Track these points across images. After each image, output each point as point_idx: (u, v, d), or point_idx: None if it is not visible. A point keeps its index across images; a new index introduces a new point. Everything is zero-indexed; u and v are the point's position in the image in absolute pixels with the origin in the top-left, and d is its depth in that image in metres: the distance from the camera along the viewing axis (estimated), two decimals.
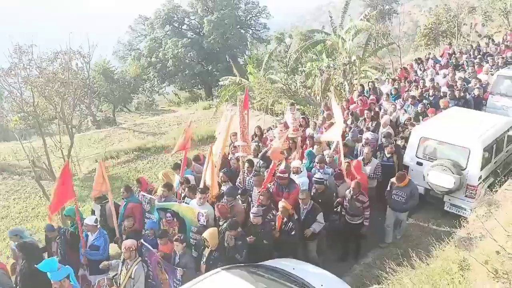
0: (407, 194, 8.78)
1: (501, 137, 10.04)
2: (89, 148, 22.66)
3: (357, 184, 8.45)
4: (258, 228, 7.64)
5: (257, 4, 46.57)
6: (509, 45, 18.78)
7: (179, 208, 8.34)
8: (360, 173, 9.35)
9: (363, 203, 8.44)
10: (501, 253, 3.95)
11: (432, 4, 39.31)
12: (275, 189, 8.89)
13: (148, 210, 8.95)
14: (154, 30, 43.93)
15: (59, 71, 13.54)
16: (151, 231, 8.03)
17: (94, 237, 8.11)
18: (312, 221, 8.02)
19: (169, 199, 8.82)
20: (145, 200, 9.03)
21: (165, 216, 8.35)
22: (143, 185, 9.80)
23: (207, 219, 7.92)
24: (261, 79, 20.60)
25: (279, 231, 7.81)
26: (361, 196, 8.44)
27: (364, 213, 8.53)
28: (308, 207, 8.09)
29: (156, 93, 43.46)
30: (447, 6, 30.14)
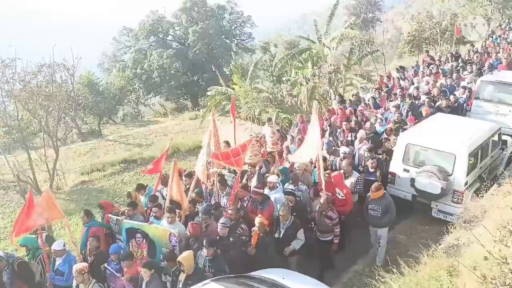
0: (382, 208, 8.51)
1: (486, 143, 10.17)
2: (74, 161, 22.39)
3: (326, 200, 8.26)
4: (224, 241, 7.47)
5: (241, 14, 46.78)
6: (489, 53, 19.13)
7: (149, 229, 8.02)
8: (343, 185, 9.18)
9: (332, 220, 8.21)
10: (489, 258, 3.98)
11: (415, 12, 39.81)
12: (250, 206, 8.74)
13: (117, 231, 8.67)
14: (138, 42, 43.83)
15: (43, 84, 13.43)
16: (114, 255, 7.67)
17: (60, 262, 7.85)
18: (292, 238, 7.89)
19: (134, 219, 8.58)
20: (112, 221, 8.77)
21: (134, 237, 8.12)
22: (108, 209, 9.43)
23: (180, 239, 7.64)
24: (247, 88, 20.64)
25: (255, 248, 7.60)
26: (330, 213, 8.22)
27: (334, 230, 8.32)
28: (289, 223, 7.93)
29: (141, 105, 43.18)
30: (430, 13, 30.59)
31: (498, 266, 3.95)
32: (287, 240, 7.89)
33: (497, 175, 10.76)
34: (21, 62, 13.50)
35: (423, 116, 12.09)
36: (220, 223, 7.51)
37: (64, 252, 7.87)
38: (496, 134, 10.74)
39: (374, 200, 8.55)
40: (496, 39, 23.37)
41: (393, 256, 8.43)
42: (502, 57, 17.58)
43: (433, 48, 28.81)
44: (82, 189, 18.49)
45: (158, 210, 8.47)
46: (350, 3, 43.96)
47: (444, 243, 7.75)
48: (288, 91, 19.05)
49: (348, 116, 13.22)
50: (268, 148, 11.17)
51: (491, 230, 4.85)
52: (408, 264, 6.64)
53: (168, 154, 10.91)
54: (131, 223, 8.28)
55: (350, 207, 9.09)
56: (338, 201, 8.94)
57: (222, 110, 22.71)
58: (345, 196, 9.00)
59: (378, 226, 8.68)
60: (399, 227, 10.23)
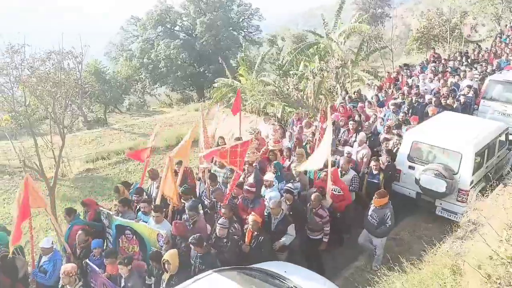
0: (379, 217, 8.22)
1: (493, 142, 10.10)
2: (80, 149, 22.52)
3: (317, 198, 8.18)
4: (222, 241, 7.37)
5: (249, 6, 46.57)
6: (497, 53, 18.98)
7: (138, 227, 7.95)
8: (339, 181, 9.08)
9: (322, 218, 8.13)
10: (494, 258, 3.97)
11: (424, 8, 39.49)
12: (241, 203, 8.63)
13: (108, 225, 8.55)
14: (146, 31, 43.73)
15: (51, 71, 13.42)
16: (97, 250, 7.58)
17: (45, 260, 7.70)
18: (283, 233, 7.83)
19: (126, 215, 8.41)
20: (102, 214, 8.67)
21: (124, 233, 8.06)
22: (92, 206, 9.17)
23: (167, 240, 7.52)
24: (253, 81, 20.60)
25: (249, 245, 7.55)
26: (321, 211, 8.15)
27: (324, 229, 8.23)
28: (280, 217, 7.89)
29: (147, 94, 43.24)
30: (439, 10, 30.34)
31: (503, 266, 3.94)
32: (277, 235, 7.83)
33: (503, 175, 10.71)
34: (30, 49, 13.50)
35: (429, 116, 11.94)
36: (219, 223, 7.39)
37: (51, 250, 7.71)
38: (503, 133, 10.66)
39: (375, 207, 8.27)
40: (505, 39, 23.11)
41: (395, 253, 8.47)
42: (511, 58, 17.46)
43: (441, 46, 28.63)
44: (87, 177, 18.62)
45: (147, 205, 8.31)
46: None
47: (448, 241, 7.74)
48: (295, 85, 19.01)
49: (350, 114, 13.01)
50: (270, 146, 10.97)
51: (496, 230, 4.84)
52: (411, 262, 6.63)
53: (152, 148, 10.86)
54: (121, 220, 8.18)
55: (347, 203, 9.03)
56: (335, 197, 8.86)
57: (228, 102, 22.68)
58: (342, 191, 8.93)
59: (373, 235, 8.48)
60: (402, 224, 10.22)
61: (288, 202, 8.33)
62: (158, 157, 20.11)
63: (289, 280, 6.58)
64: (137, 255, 7.92)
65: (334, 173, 9.00)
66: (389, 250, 9.05)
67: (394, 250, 8.95)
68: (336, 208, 8.88)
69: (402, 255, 7.21)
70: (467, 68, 16.39)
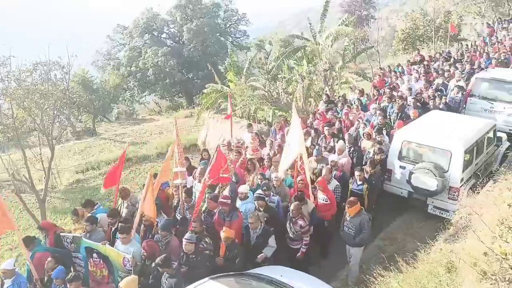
0: (355, 227, 8.02)
1: (481, 139, 10.22)
2: (69, 160, 22.34)
3: (297, 207, 8.01)
4: (190, 258, 7.08)
5: (236, 12, 46.69)
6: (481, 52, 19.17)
7: (105, 250, 7.52)
8: (327, 190, 8.86)
9: (301, 228, 7.99)
10: (489, 254, 4.01)
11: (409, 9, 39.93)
12: (217, 217, 8.33)
13: (74, 249, 7.99)
14: (133, 39, 43.63)
15: (38, 82, 13.35)
16: (57, 280, 6.99)
17: (8, 284, 7.20)
18: (263, 245, 7.68)
19: (94, 235, 7.97)
20: (66, 240, 8.07)
21: (92, 256, 7.65)
22: (50, 230, 8.54)
23: (134, 263, 7.15)
24: (242, 86, 20.60)
25: (223, 258, 7.34)
26: (300, 220, 8.00)
27: (303, 238, 8.09)
28: (259, 231, 7.73)
29: (136, 103, 43.12)
30: (424, 11, 30.71)
31: (498, 262, 3.98)
32: (259, 248, 7.68)
33: (493, 172, 10.83)
34: (16, 60, 13.42)
35: (411, 119, 11.91)
36: (185, 238, 7.05)
37: (13, 273, 7.29)
38: (491, 130, 10.79)
39: (350, 217, 8.10)
40: (486, 38, 23.42)
41: (390, 253, 8.50)
42: (492, 57, 17.67)
43: (427, 46, 28.95)
44: (77, 188, 18.46)
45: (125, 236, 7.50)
46: (345, 1, 44.01)
47: (441, 239, 7.79)
48: (284, 89, 19.04)
49: (329, 120, 12.75)
50: (249, 154, 10.60)
51: (489, 226, 4.88)
52: (406, 261, 6.66)
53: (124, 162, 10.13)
54: (89, 242, 7.76)
55: (333, 212, 8.88)
56: (321, 206, 8.77)
57: (218, 108, 22.66)
58: (329, 200, 8.77)
59: (351, 245, 8.31)
60: (395, 223, 10.30)
61: (261, 208, 8.18)
62: (149, 165, 20.06)
63: (286, 284, 6.56)
64: (107, 279, 7.60)
65: (322, 181, 8.86)
66: (384, 249, 9.12)
67: (388, 250, 9.00)
68: (322, 217, 8.80)
69: (396, 255, 7.25)
70: (452, 68, 16.56)
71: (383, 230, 10.06)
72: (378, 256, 8.75)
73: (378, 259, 8.43)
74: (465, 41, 27.63)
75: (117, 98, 38.98)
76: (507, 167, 9.99)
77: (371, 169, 9.44)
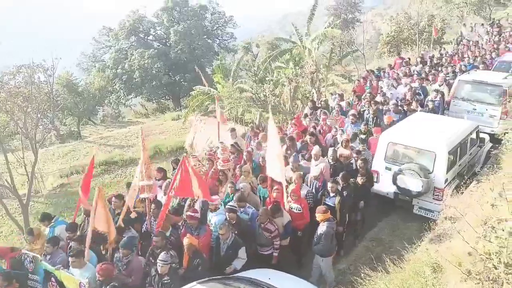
0: (318, 234, 7.88)
1: (465, 140, 10.36)
2: (53, 164, 22.10)
3: (265, 212, 7.89)
4: (164, 280, 6.70)
5: (223, 14, 46.75)
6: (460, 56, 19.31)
7: (60, 276, 7.03)
8: (300, 199, 8.61)
9: (271, 232, 7.81)
10: (473, 254, 4.05)
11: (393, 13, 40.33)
12: (184, 231, 7.97)
13: (33, 269, 7.48)
14: (119, 41, 43.35)
15: (21, 85, 13.20)
16: None
17: None
18: (233, 257, 7.46)
19: (55, 257, 7.48)
20: (26, 258, 7.56)
21: (50, 280, 7.17)
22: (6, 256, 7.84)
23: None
24: (230, 89, 20.62)
25: (186, 268, 7.15)
26: (269, 225, 7.84)
27: (274, 243, 7.92)
28: (229, 242, 7.46)
29: (122, 105, 42.78)
30: (408, 14, 31.04)
31: (482, 261, 4.02)
32: (228, 260, 7.48)
33: (476, 172, 11.00)
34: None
35: (385, 125, 11.90)
36: (160, 260, 6.67)
37: None
38: (474, 132, 10.95)
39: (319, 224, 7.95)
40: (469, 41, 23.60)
41: (377, 253, 8.55)
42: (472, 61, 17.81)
43: (411, 49, 29.26)
44: (61, 192, 18.25)
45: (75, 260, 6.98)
46: (331, 4, 44.25)
47: (427, 239, 7.85)
48: (271, 91, 19.09)
49: (306, 127, 12.47)
50: (219, 165, 10.05)
51: (472, 226, 4.94)
52: (393, 261, 6.70)
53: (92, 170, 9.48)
54: (46, 266, 7.28)
55: (306, 221, 8.59)
56: (294, 215, 8.48)
57: (205, 110, 22.63)
58: (302, 209, 8.52)
59: (315, 253, 8.12)
60: (382, 224, 10.37)
61: (232, 221, 7.91)
62: (135, 168, 19.85)
63: (275, 287, 6.54)
64: None
65: (296, 190, 8.69)
66: (371, 250, 9.17)
67: (375, 251, 9.05)
68: (296, 226, 8.56)
69: (384, 255, 7.29)
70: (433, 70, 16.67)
71: (370, 231, 10.12)
72: (366, 257, 8.80)
73: (366, 260, 8.47)
74: (449, 44, 27.98)
75: (103, 100, 38.66)
76: (490, 168, 10.11)
77: (343, 182, 9.05)
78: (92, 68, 43.99)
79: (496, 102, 13.03)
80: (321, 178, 9.48)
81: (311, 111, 14.05)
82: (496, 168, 9.28)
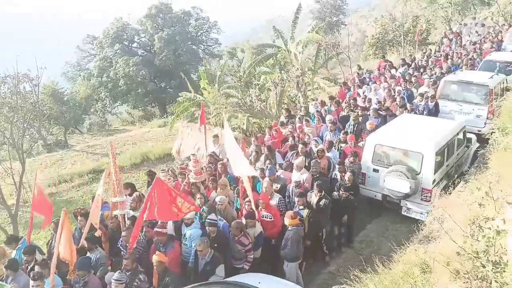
0: (285, 239, 7.85)
1: (452, 141, 10.43)
2: (41, 173, 21.85)
3: (237, 225, 7.66)
4: None
5: (207, 20, 46.72)
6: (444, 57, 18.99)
7: None
8: (270, 207, 8.48)
9: (244, 246, 7.61)
10: (461, 253, 4.09)
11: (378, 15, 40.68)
12: (153, 248, 7.63)
13: None
14: (103, 50, 43.10)
15: (7, 95, 13.10)
16: None
17: None
18: (211, 274, 7.19)
19: (16, 278, 7.24)
20: None
21: None
22: None
23: None
24: (216, 94, 20.60)
25: None
26: (243, 238, 7.63)
27: (247, 257, 7.69)
28: (208, 258, 7.22)
29: (108, 113, 42.57)
30: (392, 16, 31.29)
31: (470, 260, 4.06)
32: (205, 276, 7.21)
33: (464, 172, 11.08)
34: None
35: (367, 130, 11.69)
36: (114, 279, 6.41)
37: None
38: (461, 132, 11.01)
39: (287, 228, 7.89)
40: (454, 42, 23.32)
41: (367, 255, 8.59)
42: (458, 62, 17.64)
43: (396, 50, 29.49)
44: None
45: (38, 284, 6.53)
46: (315, 7, 44.53)
47: (415, 240, 7.91)
48: (257, 96, 19.11)
49: (286, 137, 11.98)
50: (191, 178, 9.74)
51: (460, 226, 4.99)
52: (382, 262, 6.73)
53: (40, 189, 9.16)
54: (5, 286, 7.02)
55: (278, 229, 8.40)
56: (265, 223, 8.32)
57: (192, 116, 22.58)
58: (273, 217, 8.36)
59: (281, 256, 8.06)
60: (370, 226, 10.42)
61: (212, 234, 7.66)
62: (124, 176, 19.81)
63: None
64: None
65: (265, 198, 8.55)
66: (360, 251, 9.21)
67: (365, 252, 9.10)
68: (269, 235, 8.36)
69: (373, 256, 7.32)
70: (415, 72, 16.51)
71: (360, 232, 10.16)
72: (355, 259, 8.84)
73: (355, 261, 8.51)
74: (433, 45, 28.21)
75: (89, 109, 38.50)
76: (477, 168, 10.21)
77: (318, 193, 8.73)
78: (77, 77, 43.76)
79: (483, 102, 13.07)
80: (302, 187, 9.14)
81: (287, 119, 13.50)
82: (483, 167, 9.38)
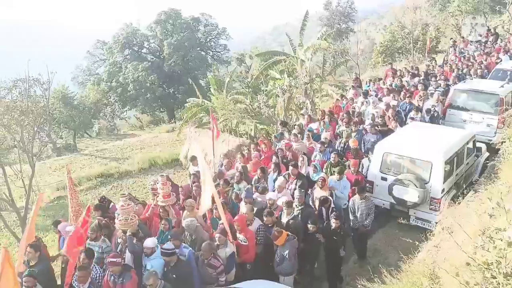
0: (280, 256, 7.73)
1: (461, 150, 10.34)
2: (50, 176, 21.99)
3: (208, 246, 7.22)
4: None
5: (216, 26, 46.95)
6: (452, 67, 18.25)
7: None
8: (246, 230, 8.09)
9: (216, 268, 7.18)
10: (471, 264, 4.06)
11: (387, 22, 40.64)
12: (106, 279, 7.09)
13: None
14: (113, 55, 43.46)
15: (18, 99, 13.25)
16: None
17: None
18: None
19: None
20: None
21: None
22: None
23: None
24: (224, 100, 20.65)
25: None
26: (213, 260, 7.19)
27: (219, 280, 7.28)
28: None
29: (117, 118, 42.83)
30: (401, 24, 31.22)
31: (481, 272, 4.03)
32: None
33: (473, 182, 10.99)
34: None
35: (352, 148, 11.17)
36: None
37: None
38: (470, 141, 10.93)
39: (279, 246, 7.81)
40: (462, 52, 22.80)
41: (374, 264, 8.54)
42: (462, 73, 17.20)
43: (405, 58, 29.42)
44: (59, 205, 18.17)
45: None
46: (324, 14, 44.55)
47: (424, 250, 7.85)
48: (265, 102, 19.11)
49: (275, 152, 11.48)
50: (159, 201, 9.17)
51: (470, 236, 4.95)
52: (390, 272, 6.69)
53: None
54: None
55: (253, 253, 8.10)
56: (240, 247, 7.98)
57: (200, 121, 22.66)
58: (248, 241, 7.96)
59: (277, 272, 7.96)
60: (378, 235, 10.34)
61: (171, 264, 7.16)
62: (131, 180, 19.93)
63: None
64: None
65: (241, 220, 8.13)
66: (368, 261, 9.15)
67: (372, 262, 9.03)
68: (244, 260, 8.10)
69: (380, 266, 7.28)
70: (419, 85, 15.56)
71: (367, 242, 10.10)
72: (363, 269, 8.76)
73: (363, 271, 8.43)
74: (443, 53, 28.09)
75: (98, 113, 38.76)
76: (487, 178, 10.13)
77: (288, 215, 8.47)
78: (87, 81, 44.14)
79: (493, 111, 12.95)
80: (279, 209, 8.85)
81: (280, 134, 12.99)
82: (493, 178, 9.29)
